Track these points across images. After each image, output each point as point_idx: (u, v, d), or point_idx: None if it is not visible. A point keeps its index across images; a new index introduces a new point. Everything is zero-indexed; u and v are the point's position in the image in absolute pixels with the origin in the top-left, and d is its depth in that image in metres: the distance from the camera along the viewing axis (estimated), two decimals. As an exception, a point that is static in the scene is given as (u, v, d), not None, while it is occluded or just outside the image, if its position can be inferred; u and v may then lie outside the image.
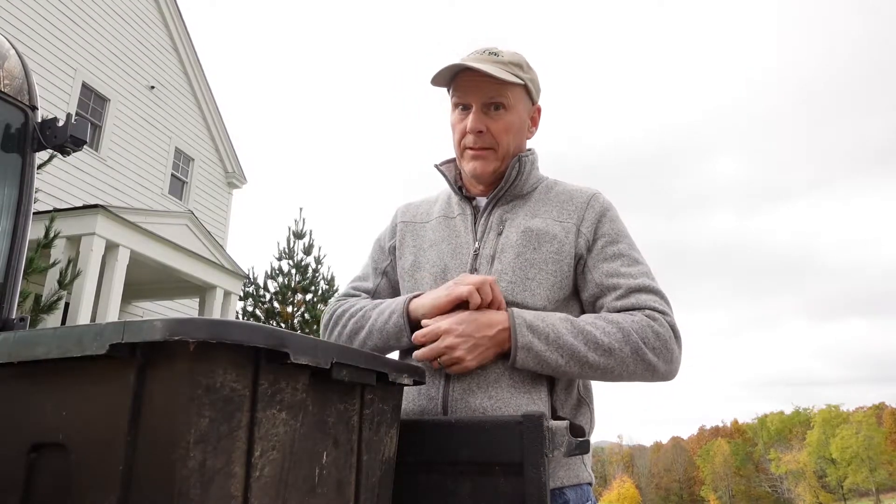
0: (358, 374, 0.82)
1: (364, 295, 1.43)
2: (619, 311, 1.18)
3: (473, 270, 1.25)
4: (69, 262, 7.80)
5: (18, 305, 2.06)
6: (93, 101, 11.24)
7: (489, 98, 1.26)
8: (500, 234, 1.28)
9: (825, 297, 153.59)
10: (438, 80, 1.29)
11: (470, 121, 1.27)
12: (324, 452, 0.78)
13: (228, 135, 14.80)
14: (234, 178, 14.85)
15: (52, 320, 7.81)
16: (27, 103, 2.04)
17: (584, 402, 1.24)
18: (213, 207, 14.21)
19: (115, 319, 8.48)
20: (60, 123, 2.10)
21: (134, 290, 10.49)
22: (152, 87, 12.66)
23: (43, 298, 7.27)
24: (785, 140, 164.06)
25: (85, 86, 11.04)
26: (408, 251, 1.38)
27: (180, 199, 13.15)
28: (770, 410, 76.53)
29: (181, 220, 10.30)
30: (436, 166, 1.42)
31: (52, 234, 7.16)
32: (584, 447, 1.00)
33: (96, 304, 8.43)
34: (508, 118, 1.27)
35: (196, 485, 0.60)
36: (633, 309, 1.17)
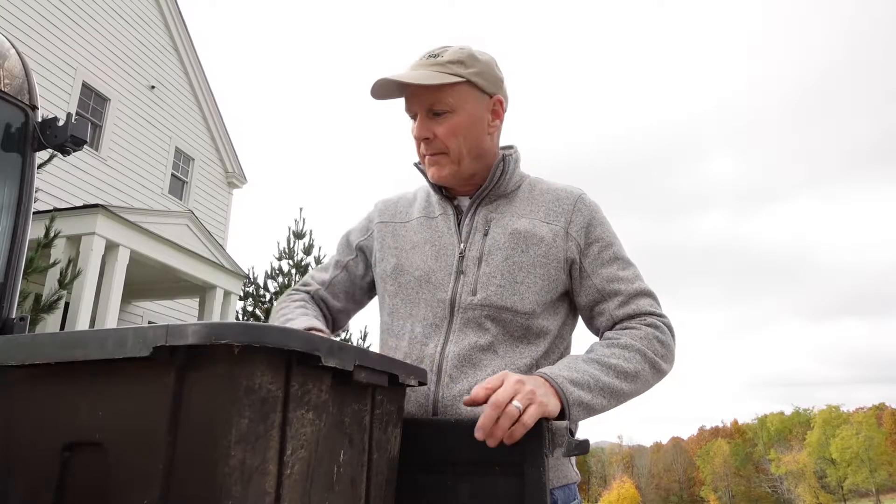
0: (374, 376, 0.85)
1: (316, 286, 1.43)
2: (621, 318, 1.22)
3: (459, 273, 1.24)
4: (69, 261, 7.80)
5: (18, 305, 2.06)
6: (93, 101, 11.25)
7: (429, 105, 1.23)
8: (485, 234, 1.26)
9: (825, 297, 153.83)
10: (381, 95, 1.24)
11: (415, 129, 1.26)
12: (341, 451, 0.81)
13: (228, 135, 14.81)
14: (234, 177, 14.86)
15: (52, 320, 7.82)
16: (27, 103, 2.04)
17: None
18: (213, 207, 14.21)
19: (115, 319, 8.50)
20: (60, 123, 2.10)
21: (134, 290, 10.49)
22: (152, 87, 12.66)
23: (43, 298, 7.27)
24: (778, 140, 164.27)
25: (85, 85, 11.05)
26: (388, 253, 1.35)
27: (180, 199, 13.15)
28: (770, 411, 76.69)
29: (181, 219, 10.30)
30: (415, 165, 1.38)
31: (52, 234, 7.16)
32: (583, 447, 1.00)
33: (96, 304, 8.43)
34: (454, 120, 1.23)
35: (237, 482, 0.62)
36: (634, 315, 1.22)
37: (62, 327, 8.29)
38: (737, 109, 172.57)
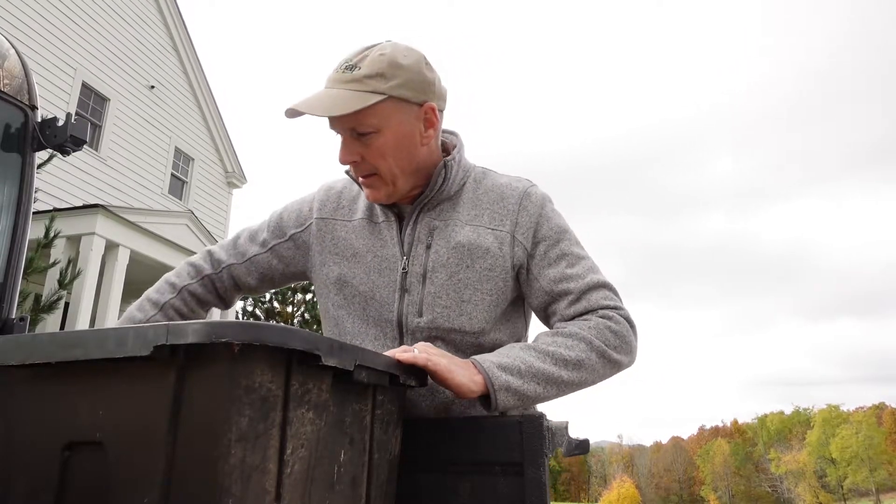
0: (374, 376, 0.84)
1: (229, 260, 1.35)
2: (572, 316, 1.15)
3: (404, 291, 1.17)
4: (69, 261, 7.80)
5: (18, 305, 2.06)
6: (93, 101, 11.24)
7: (351, 127, 1.12)
8: (428, 247, 1.18)
9: (824, 296, 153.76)
10: (297, 115, 1.12)
11: (339, 153, 1.15)
12: (341, 451, 0.81)
13: (228, 135, 14.80)
14: (234, 177, 14.85)
15: (52, 320, 7.82)
16: (27, 103, 2.04)
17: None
18: (213, 207, 14.21)
19: (116, 319, 8.49)
20: (60, 123, 2.10)
21: (134, 290, 10.47)
22: (152, 87, 12.66)
23: (43, 298, 7.27)
24: (777, 140, 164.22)
25: (85, 85, 11.04)
26: (330, 259, 1.26)
27: (180, 199, 13.15)
28: (770, 410, 76.67)
29: (181, 219, 10.30)
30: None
31: (52, 234, 7.16)
32: (583, 447, 1.00)
33: (96, 304, 8.43)
34: (380, 141, 1.12)
35: (237, 481, 0.62)
36: (587, 311, 1.14)
37: (62, 327, 8.28)
38: (736, 109, 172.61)
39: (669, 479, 78.14)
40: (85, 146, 2.20)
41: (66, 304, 8.00)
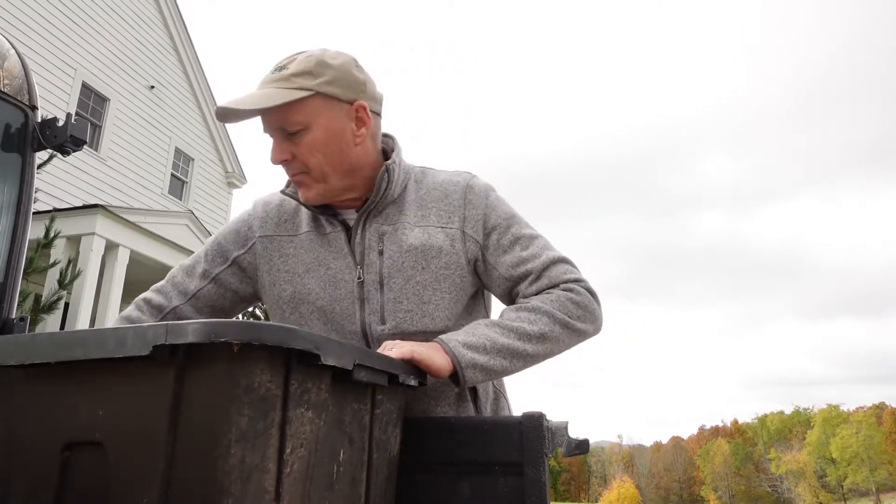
0: (373, 376, 0.85)
1: (174, 301, 1.28)
2: (535, 293, 1.18)
3: (363, 300, 1.17)
4: (69, 262, 7.80)
5: (18, 305, 2.06)
6: (93, 101, 11.24)
7: (280, 125, 1.12)
8: (381, 252, 1.17)
9: (824, 296, 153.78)
10: (229, 120, 1.13)
11: (270, 153, 1.15)
12: (341, 450, 0.81)
13: (228, 135, 14.81)
14: (234, 178, 14.86)
15: (52, 320, 7.82)
16: (27, 103, 2.04)
17: (500, 394, 1.29)
18: (213, 207, 14.21)
19: (116, 319, 8.49)
20: (60, 123, 2.10)
21: (134, 290, 10.47)
22: (152, 87, 12.66)
23: (43, 298, 7.27)
24: (777, 140, 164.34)
25: (85, 86, 11.04)
26: (280, 278, 1.22)
27: (180, 199, 13.15)
28: (770, 410, 76.71)
29: (181, 219, 10.30)
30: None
31: (52, 234, 7.17)
32: (583, 447, 1.00)
33: (96, 304, 8.43)
34: (309, 138, 1.12)
35: (237, 480, 0.62)
36: (549, 286, 1.17)
37: (62, 327, 8.29)
38: (736, 109, 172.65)
39: (669, 479, 78.15)
40: (85, 146, 2.20)
41: (66, 304, 8.00)
